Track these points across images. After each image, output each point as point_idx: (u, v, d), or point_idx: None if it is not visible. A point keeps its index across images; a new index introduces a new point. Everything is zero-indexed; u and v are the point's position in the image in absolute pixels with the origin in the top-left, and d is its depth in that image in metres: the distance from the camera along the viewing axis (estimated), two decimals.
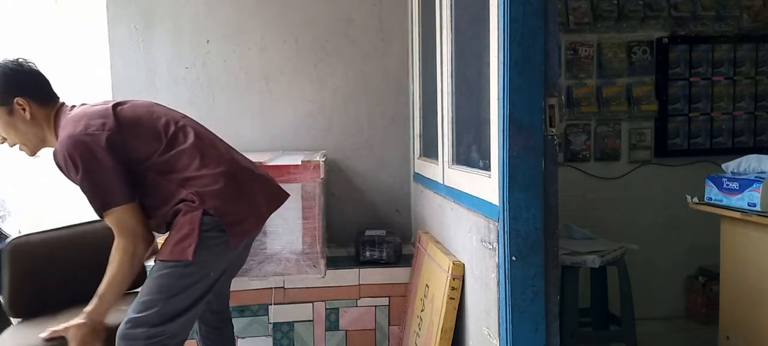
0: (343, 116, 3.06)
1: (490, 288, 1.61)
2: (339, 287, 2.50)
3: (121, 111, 1.67)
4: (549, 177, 1.48)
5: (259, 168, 1.89)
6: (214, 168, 1.66)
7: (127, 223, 1.61)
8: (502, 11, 1.44)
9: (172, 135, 1.68)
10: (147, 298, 1.60)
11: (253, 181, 1.76)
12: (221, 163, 1.68)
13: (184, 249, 1.58)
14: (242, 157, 1.84)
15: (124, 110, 1.68)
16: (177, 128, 1.70)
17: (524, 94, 1.44)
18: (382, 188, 3.11)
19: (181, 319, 1.61)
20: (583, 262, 2.46)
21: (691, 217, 2.77)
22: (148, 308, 1.58)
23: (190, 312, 1.63)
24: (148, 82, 2.93)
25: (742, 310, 2.35)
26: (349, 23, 3.04)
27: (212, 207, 1.61)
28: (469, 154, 2.05)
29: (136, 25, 2.91)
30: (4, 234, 2.85)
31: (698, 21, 3.34)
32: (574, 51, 3.30)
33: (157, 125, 1.68)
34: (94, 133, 1.59)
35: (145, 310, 1.58)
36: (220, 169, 1.66)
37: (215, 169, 1.65)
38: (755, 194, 2.24)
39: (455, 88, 2.11)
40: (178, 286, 1.60)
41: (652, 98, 3.34)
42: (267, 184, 1.83)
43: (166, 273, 1.61)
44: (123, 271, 1.61)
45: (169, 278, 1.60)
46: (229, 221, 1.63)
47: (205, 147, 1.70)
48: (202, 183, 1.63)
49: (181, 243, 1.60)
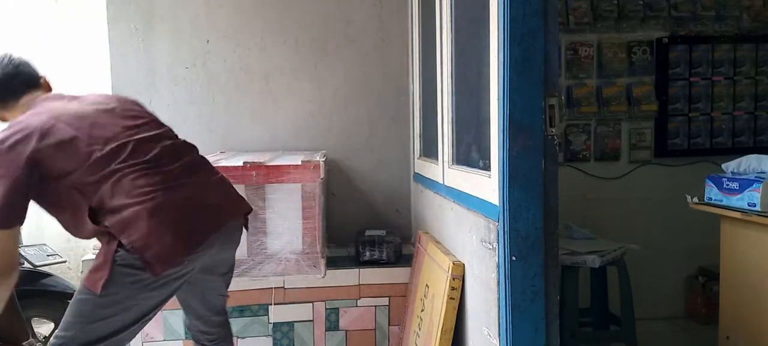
0: (343, 116, 3.06)
1: (490, 288, 1.61)
2: (339, 287, 2.50)
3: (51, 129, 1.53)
4: (549, 177, 1.48)
5: (211, 180, 1.73)
6: (137, 199, 1.51)
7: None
8: (502, 11, 1.44)
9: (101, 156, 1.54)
10: (68, 319, 1.54)
11: (189, 204, 1.60)
12: (148, 193, 1.53)
13: (95, 281, 1.50)
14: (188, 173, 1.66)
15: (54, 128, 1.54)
16: (111, 149, 1.55)
17: (524, 94, 1.44)
18: (382, 188, 3.11)
19: (103, 343, 1.54)
20: (583, 262, 2.46)
21: (691, 217, 2.77)
22: (67, 329, 1.53)
23: (112, 338, 1.56)
24: (148, 82, 2.93)
25: (742, 310, 2.35)
26: (349, 23, 3.04)
27: (129, 242, 1.48)
28: (469, 154, 2.05)
29: (136, 25, 2.91)
30: None
31: (698, 21, 3.34)
32: (574, 51, 3.30)
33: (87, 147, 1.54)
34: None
35: (66, 331, 1.53)
36: (143, 201, 1.51)
37: (137, 203, 1.51)
38: (755, 194, 2.24)
39: (455, 88, 2.11)
40: (94, 315, 1.52)
41: (652, 98, 3.34)
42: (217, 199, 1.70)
43: (83, 299, 1.53)
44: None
45: (85, 305, 1.53)
46: (149, 255, 1.49)
47: (133, 173, 1.55)
48: (119, 218, 1.50)
49: (93, 274, 1.51)
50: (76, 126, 1.55)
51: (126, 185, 1.52)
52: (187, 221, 1.57)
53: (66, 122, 1.55)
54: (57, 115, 1.57)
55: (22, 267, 2.84)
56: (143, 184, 1.54)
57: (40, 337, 2.84)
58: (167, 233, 1.51)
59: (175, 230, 1.52)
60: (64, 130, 1.53)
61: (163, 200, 1.54)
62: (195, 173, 1.69)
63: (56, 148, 1.50)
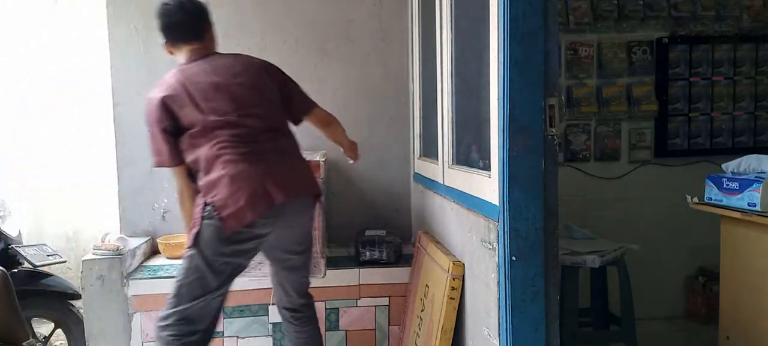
0: (343, 116, 3.02)
1: (490, 288, 1.61)
2: (339, 287, 2.51)
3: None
4: (549, 177, 1.48)
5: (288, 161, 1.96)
6: (223, 167, 1.82)
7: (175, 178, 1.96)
8: (502, 11, 1.44)
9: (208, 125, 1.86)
10: (174, 283, 1.86)
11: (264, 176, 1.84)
12: (234, 163, 1.82)
13: (190, 237, 1.82)
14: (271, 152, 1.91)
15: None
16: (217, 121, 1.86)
17: (524, 94, 1.44)
18: (382, 187, 3.11)
19: (198, 301, 1.82)
20: (583, 262, 2.46)
21: (691, 217, 2.77)
22: (174, 293, 1.84)
23: (205, 297, 1.82)
24: (148, 82, 2.91)
25: (742, 310, 2.35)
26: (349, 23, 3.04)
27: (211, 202, 1.80)
28: (469, 154, 2.05)
29: (136, 25, 2.91)
30: (4, 234, 2.85)
31: (698, 21, 3.34)
32: (574, 51, 3.30)
33: (200, 114, 1.87)
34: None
35: (173, 295, 1.84)
36: (228, 169, 1.81)
37: (223, 170, 1.81)
38: (755, 194, 2.24)
39: (455, 88, 2.11)
40: (189, 272, 1.82)
41: (652, 98, 3.33)
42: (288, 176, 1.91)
43: (184, 259, 1.85)
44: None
45: (185, 263, 1.84)
46: (225, 213, 1.78)
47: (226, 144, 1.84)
48: (207, 180, 1.84)
49: (189, 233, 1.85)
50: (198, 95, 1.87)
51: (218, 154, 1.82)
52: (260, 189, 1.81)
53: (194, 88, 1.87)
54: (190, 79, 1.89)
55: (22, 267, 2.85)
56: (231, 154, 1.82)
57: (40, 337, 2.84)
58: (242, 197, 1.77)
59: (249, 196, 1.78)
60: (187, 96, 1.86)
61: (243, 169, 1.81)
62: (277, 152, 1.93)
63: (180, 108, 1.85)
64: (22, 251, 2.84)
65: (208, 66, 1.94)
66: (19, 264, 2.86)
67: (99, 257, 2.42)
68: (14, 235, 2.92)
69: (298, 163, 2.01)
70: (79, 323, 2.70)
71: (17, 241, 2.93)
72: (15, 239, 2.91)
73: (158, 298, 2.44)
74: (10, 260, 2.81)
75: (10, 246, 2.84)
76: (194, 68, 1.94)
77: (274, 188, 1.82)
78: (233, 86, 1.92)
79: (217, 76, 1.92)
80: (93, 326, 2.42)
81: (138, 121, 2.91)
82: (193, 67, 1.94)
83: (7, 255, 2.81)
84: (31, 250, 2.88)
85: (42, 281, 2.78)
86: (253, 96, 1.95)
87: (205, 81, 1.89)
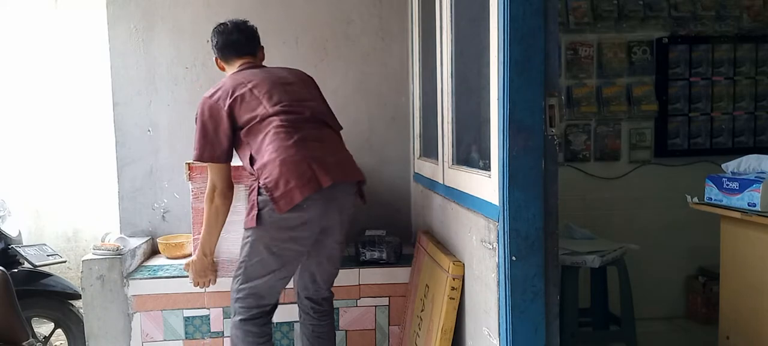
0: (343, 116, 3.02)
1: (490, 288, 1.61)
2: (339, 287, 2.50)
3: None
4: (549, 177, 1.48)
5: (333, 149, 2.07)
6: (275, 152, 1.94)
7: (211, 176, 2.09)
8: (502, 11, 1.44)
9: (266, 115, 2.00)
10: (238, 266, 2.04)
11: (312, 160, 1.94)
12: (285, 148, 1.93)
13: (250, 220, 1.95)
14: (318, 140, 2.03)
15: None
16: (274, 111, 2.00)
17: (524, 94, 1.44)
18: (382, 187, 3.11)
19: (259, 281, 2.00)
20: (583, 262, 2.46)
21: (691, 217, 2.77)
22: (238, 272, 2.03)
23: (264, 278, 1.99)
24: (148, 82, 2.93)
25: (742, 310, 2.35)
26: (349, 23, 3.04)
27: (263, 183, 1.93)
28: (469, 154, 2.05)
29: (136, 25, 2.91)
30: (4, 234, 2.85)
31: (698, 21, 3.34)
32: (574, 51, 3.30)
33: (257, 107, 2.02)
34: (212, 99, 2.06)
35: (238, 273, 2.03)
36: (279, 154, 1.93)
37: (275, 154, 1.93)
38: (755, 194, 2.24)
39: (455, 88, 2.11)
40: (252, 253, 1.98)
41: (652, 98, 3.34)
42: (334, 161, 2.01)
43: (244, 243, 2.01)
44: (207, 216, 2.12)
45: (245, 246, 2.00)
46: (276, 194, 1.88)
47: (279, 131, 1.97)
48: (261, 163, 1.96)
49: (247, 218, 1.98)
50: (256, 90, 2.04)
51: (272, 140, 1.95)
52: (308, 172, 1.90)
53: (251, 85, 2.04)
54: (247, 78, 2.07)
55: (22, 267, 2.85)
56: (282, 140, 1.94)
57: (40, 337, 2.84)
58: (292, 179, 1.88)
59: (298, 178, 1.88)
60: (246, 91, 2.03)
61: (293, 153, 1.92)
62: (324, 140, 2.05)
63: (239, 105, 2.01)
64: (22, 251, 2.84)
65: (259, 71, 2.14)
66: (19, 264, 2.86)
67: (99, 257, 2.41)
68: (14, 235, 2.92)
69: (344, 152, 2.12)
70: (79, 323, 2.70)
71: (17, 241, 2.93)
72: (15, 239, 2.91)
73: (158, 298, 2.44)
74: (10, 260, 2.81)
75: (10, 246, 2.84)
76: (247, 73, 2.12)
77: (321, 171, 1.91)
78: (286, 82, 2.10)
79: (271, 75, 2.11)
80: (93, 326, 2.42)
81: (138, 121, 2.93)
82: (246, 72, 2.13)
83: (7, 255, 2.82)
84: (31, 250, 2.88)
85: (42, 281, 2.77)
86: (303, 91, 2.13)
87: (261, 78, 2.08)
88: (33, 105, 4.02)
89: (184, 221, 2.90)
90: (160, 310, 2.44)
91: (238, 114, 2.01)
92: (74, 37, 4.01)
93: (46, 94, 4.02)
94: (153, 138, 2.93)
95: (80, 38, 4.01)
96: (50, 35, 4.00)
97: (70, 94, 4.02)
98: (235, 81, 2.06)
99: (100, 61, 3.58)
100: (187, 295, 2.43)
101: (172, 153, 2.93)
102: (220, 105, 2.01)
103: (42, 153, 4.04)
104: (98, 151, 3.97)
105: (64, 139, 4.04)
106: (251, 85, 2.05)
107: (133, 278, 2.44)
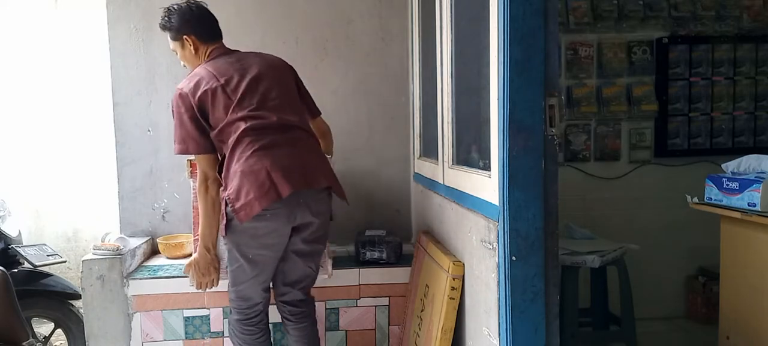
0: (343, 116, 3.06)
1: (490, 288, 1.61)
2: (339, 287, 2.50)
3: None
4: (549, 177, 1.48)
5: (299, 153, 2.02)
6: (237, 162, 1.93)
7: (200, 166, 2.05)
8: (502, 11, 1.44)
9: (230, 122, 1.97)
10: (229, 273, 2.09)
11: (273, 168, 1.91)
12: (246, 158, 1.92)
13: (222, 229, 2.00)
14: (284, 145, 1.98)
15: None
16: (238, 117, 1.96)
17: (524, 94, 1.44)
18: (382, 188, 3.11)
19: (243, 285, 2.05)
20: (583, 262, 2.46)
21: (691, 217, 2.77)
22: (231, 281, 2.08)
23: (247, 283, 2.03)
24: (148, 82, 2.93)
25: (742, 310, 2.35)
26: (349, 23, 3.04)
27: (226, 195, 1.94)
28: (469, 154, 2.05)
29: (136, 25, 2.91)
30: (4, 234, 2.85)
31: (698, 21, 3.34)
32: (574, 51, 3.30)
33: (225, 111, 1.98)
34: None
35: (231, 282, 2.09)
36: (240, 163, 1.92)
37: (237, 164, 1.93)
38: (755, 194, 2.24)
39: (455, 88, 2.11)
40: (232, 259, 2.04)
41: (652, 98, 3.34)
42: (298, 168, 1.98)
43: (226, 249, 2.06)
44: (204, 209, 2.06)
45: (228, 254, 2.06)
46: (238, 205, 1.89)
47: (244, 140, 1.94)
48: (226, 174, 1.97)
49: (221, 227, 2.00)
50: (228, 90, 1.98)
51: (235, 148, 1.94)
52: (267, 182, 1.89)
53: (224, 81, 1.99)
54: (220, 72, 2.01)
55: (22, 267, 2.85)
56: (245, 148, 1.93)
57: (40, 337, 2.84)
58: (251, 190, 1.88)
59: (257, 189, 1.88)
60: (220, 90, 1.97)
61: (253, 163, 1.91)
62: (293, 145, 2.00)
63: (211, 103, 1.97)
64: (22, 251, 2.84)
65: (233, 62, 2.07)
66: (19, 264, 2.86)
67: (99, 257, 2.42)
68: (14, 235, 2.92)
69: (310, 156, 2.06)
70: (79, 323, 2.70)
71: (17, 241, 2.93)
72: (15, 239, 2.91)
73: (158, 298, 2.44)
74: (10, 260, 2.81)
75: (10, 246, 2.84)
76: (223, 63, 2.05)
77: (281, 180, 1.89)
78: (257, 78, 2.03)
79: (242, 68, 2.04)
80: (93, 326, 2.42)
81: (138, 121, 2.93)
82: (221, 61, 2.06)
83: (7, 255, 2.81)
84: (31, 250, 2.88)
85: (42, 281, 2.77)
86: (273, 89, 2.05)
87: (231, 74, 2.01)
88: (33, 105, 4.02)
89: (184, 221, 2.90)
90: (160, 310, 2.44)
91: (209, 111, 1.98)
92: (74, 37, 4.01)
93: (46, 94, 4.01)
94: (153, 138, 2.93)
95: (80, 38, 4.01)
96: (50, 35, 4.00)
97: (70, 94, 4.02)
98: (208, 74, 2.01)
99: (100, 61, 3.58)
100: (187, 295, 2.43)
101: (172, 153, 2.87)
102: (191, 97, 1.97)
103: (42, 153, 4.04)
104: (98, 151, 3.97)
105: (64, 139, 4.04)
106: (224, 80, 1.99)
107: (133, 278, 2.44)
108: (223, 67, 2.04)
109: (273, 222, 1.94)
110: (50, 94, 4.02)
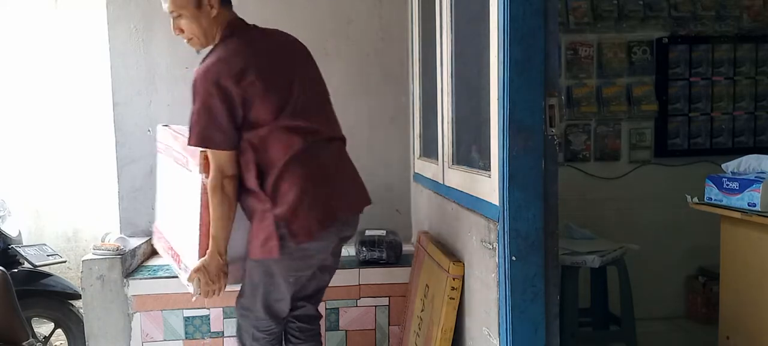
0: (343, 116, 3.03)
1: (490, 288, 1.61)
2: (339, 287, 2.50)
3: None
4: (549, 177, 1.48)
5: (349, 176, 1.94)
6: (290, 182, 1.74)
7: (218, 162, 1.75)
8: (502, 11, 1.44)
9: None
10: (248, 289, 1.91)
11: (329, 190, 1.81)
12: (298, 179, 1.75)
13: (270, 249, 1.76)
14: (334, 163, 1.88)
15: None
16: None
17: (524, 94, 1.44)
18: (382, 188, 3.10)
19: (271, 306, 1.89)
20: (583, 262, 2.46)
21: (691, 217, 2.77)
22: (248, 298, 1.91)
23: (277, 305, 1.89)
24: (148, 82, 2.93)
25: (742, 310, 2.34)
26: (349, 23, 3.04)
27: (279, 213, 1.74)
28: (469, 154, 2.05)
29: (136, 25, 2.91)
30: (4, 234, 2.85)
31: (698, 21, 3.34)
32: (574, 51, 3.30)
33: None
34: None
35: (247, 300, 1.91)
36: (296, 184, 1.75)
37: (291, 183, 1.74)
38: (755, 194, 2.24)
39: (455, 88, 2.11)
40: (266, 281, 1.85)
41: (652, 98, 3.33)
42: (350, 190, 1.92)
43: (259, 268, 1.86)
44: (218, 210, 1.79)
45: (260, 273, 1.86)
46: (295, 226, 1.74)
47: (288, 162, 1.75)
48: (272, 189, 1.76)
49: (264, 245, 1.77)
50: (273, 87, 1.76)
51: (288, 161, 1.74)
52: (329, 201, 1.79)
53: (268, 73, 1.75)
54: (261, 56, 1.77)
55: (22, 267, 2.85)
56: (302, 164, 1.76)
57: (40, 337, 2.84)
58: (312, 209, 1.74)
59: (320, 208, 1.75)
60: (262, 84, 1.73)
61: (311, 179, 1.76)
62: (341, 161, 1.92)
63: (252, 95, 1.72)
64: (22, 251, 2.84)
65: (275, 46, 1.85)
66: (19, 264, 2.86)
67: (99, 257, 2.42)
68: (14, 235, 2.92)
69: (355, 173, 1.98)
70: (79, 323, 2.70)
71: (17, 241, 2.93)
72: (15, 239, 2.91)
73: (158, 298, 2.44)
74: (10, 260, 2.81)
75: (10, 246, 2.84)
76: (264, 45, 1.81)
77: (339, 201, 1.82)
78: (308, 80, 1.88)
79: (293, 63, 1.84)
80: (93, 326, 2.42)
81: (138, 121, 2.93)
82: (260, 43, 1.82)
83: (7, 255, 2.82)
84: (31, 250, 2.88)
85: (42, 281, 2.77)
86: (320, 94, 1.95)
87: (284, 68, 1.79)
88: (33, 105, 4.02)
89: None
90: (160, 310, 2.44)
91: (256, 106, 1.71)
92: (74, 37, 4.01)
93: (46, 94, 4.02)
94: (153, 138, 2.92)
95: (80, 38, 4.01)
96: (50, 35, 4.00)
97: (70, 94, 4.02)
98: (253, 58, 1.74)
99: (100, 61, 3.57)
100: (187, 295, 2.42)
101: None
102: (237, 86, 1.69)
103: (42, 153, 4.04)
104: (98, 151, 3.97)
105: (64, 139, 4.04)
106: (274, 71, 1.76)
107: (133, 278, 2.44)
108: (269, 52, 1.79)
109: (324, 242, 1.83)
110: (50, 94, 4.02)
